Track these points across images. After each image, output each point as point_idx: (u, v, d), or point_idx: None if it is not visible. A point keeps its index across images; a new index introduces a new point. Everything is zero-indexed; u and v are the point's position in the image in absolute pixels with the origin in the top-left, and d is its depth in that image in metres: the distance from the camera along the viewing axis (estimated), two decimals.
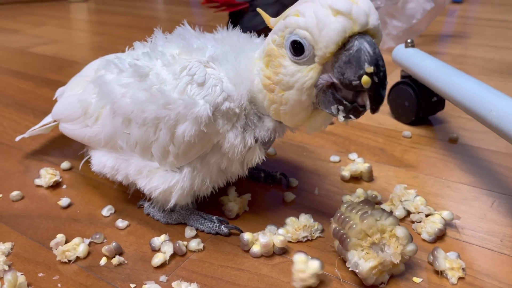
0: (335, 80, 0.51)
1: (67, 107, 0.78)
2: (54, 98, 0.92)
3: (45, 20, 2.34)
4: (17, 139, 0.91)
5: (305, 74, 0.52)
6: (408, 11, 1.59)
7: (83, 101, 0.71)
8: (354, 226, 0.56)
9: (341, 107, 0.53)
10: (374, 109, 0.51)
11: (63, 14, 2.56)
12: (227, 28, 0.66)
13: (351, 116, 0.53)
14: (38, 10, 2.63)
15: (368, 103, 0.51)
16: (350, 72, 0.49)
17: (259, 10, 0.61)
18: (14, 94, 1.26)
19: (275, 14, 0.54)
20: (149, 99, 0.60)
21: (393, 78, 1.33)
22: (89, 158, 0.75)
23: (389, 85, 1.08)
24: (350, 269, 0.55)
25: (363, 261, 0.55)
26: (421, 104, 1.00)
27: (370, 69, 0.47)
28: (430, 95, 1.00)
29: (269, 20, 0.59)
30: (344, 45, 0.49)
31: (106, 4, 2.87)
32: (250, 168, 0.66)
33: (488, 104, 0.70)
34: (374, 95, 0.49)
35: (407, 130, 1.00)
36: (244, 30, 0.68)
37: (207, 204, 0.71)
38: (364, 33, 0.49)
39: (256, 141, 0.62)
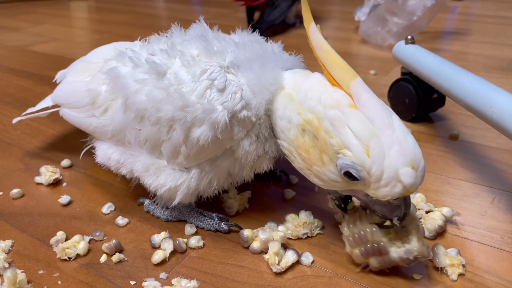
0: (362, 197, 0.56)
1: (72, 93, 0.76)
2: (53, 81, 0.90)
3: (45, 19, 2.34)
4: (14, 121, 0.91)
5: (342, 186, 0.55)
6: (408, 8, 1.58)
7: (92, 91, 0.70)
8: (374, 229, 0.56)
9: (337, 203, 0.61)
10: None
11: (63, 12, 2.55)
12: (248, 25, 0.66)
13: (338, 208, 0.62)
14: (38, 8, 2.63)
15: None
16: (379, 207, 0.54)
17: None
18: (15, 92, 1.26)
19: (287, 8, 0.55)
20: (165, 98, 0.59)
21: (393, 75, 1.33)
22: (92, 148, 0.75)
23: (389, 82, 1.08)
24: (410, 257, 0.55)
25: (414, 240, 0.55)
26: (421, 101, 0.99)
27: (396, 222, 0.54)
28: (430, 92, 0.99)
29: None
30: None
31: (106, 2, 2.87)
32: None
33: (488, 100, 0.70)
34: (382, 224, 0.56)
35: (407, 127, 0.99)
36: (265, 24, 0.68)
37: (207, 201, 0.71)
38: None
39: (264, 150, 0.62)
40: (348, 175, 0.52)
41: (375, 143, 0.49)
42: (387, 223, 0.55)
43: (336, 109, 0.52)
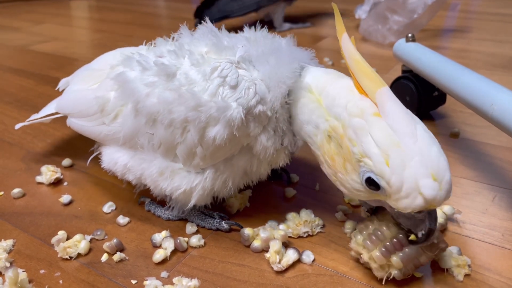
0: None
1: (79, 102, 0.74)
2: (56, 89, 0.90)
3: (45, 18, 2.34)
4: (17, 127, 0.90)
5: (366, 195, 0.54)
6: (409, 6, 1.58)
7: (100, 98, 0.68)
8: (390, 224, 0.56)
9: (368, 214, 0.61)
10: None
11: (63, 11, 2.55)
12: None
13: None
14: (38, 8, 2.63)
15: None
16: (403, 220, 0.53)
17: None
18: (15, 92, 1.26)
19: (255, 6, 0.55)
20: (177, 100, 0.58)
21: (394, 73, 1.33)
22: (99, 154, 0.74)
23: (390, 80, 1.08)
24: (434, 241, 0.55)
25: None
26: (422, 99, 0.99)
27: (420, 236, 0.52)
28: (431, 90, 0.99)
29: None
30: None
31: (106, 1, 2.87)
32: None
33: (489, 98, 0.70)
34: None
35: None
36: (218, 13, 0.67)
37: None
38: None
39: (282, 144, 0.62)
40: (369, 182, 0.51)
41: (395, 153, 0.48)
42: (412, 237, 0.53)
43: (360, 117, 0.51)
